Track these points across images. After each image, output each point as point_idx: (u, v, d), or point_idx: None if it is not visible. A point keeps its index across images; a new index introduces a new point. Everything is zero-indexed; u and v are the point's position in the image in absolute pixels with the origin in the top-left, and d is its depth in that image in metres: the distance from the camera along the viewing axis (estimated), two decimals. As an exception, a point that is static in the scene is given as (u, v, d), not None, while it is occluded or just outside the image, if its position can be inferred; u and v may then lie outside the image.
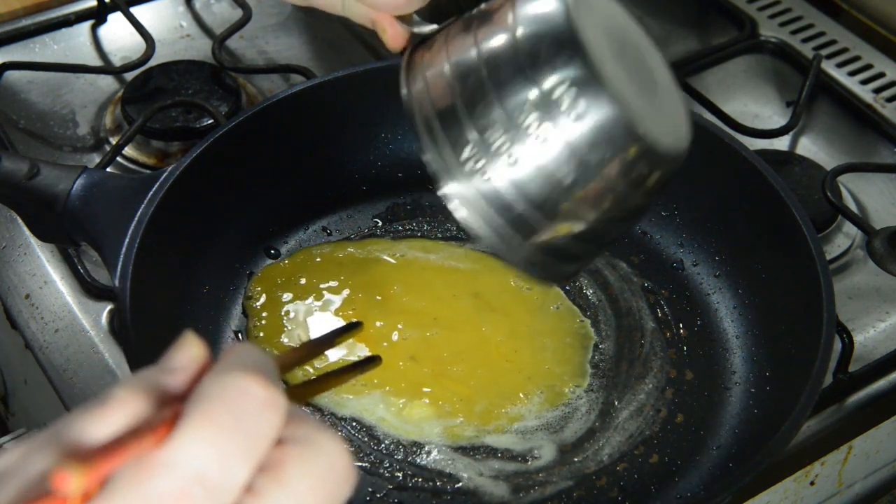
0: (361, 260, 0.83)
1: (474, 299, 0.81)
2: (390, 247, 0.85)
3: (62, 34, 1.07)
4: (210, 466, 0.38)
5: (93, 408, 0.39)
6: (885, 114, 1.02)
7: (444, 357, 0.78)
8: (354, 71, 0.85)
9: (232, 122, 0.80)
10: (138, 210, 0.72)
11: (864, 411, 0.81)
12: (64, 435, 0.38)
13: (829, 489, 0.83)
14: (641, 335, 0.80)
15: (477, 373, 0.77)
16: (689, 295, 0.83)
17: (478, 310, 0.81)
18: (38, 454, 0.38)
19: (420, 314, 0.80)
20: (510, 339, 0.79)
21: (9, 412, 0.98)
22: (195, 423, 0.38)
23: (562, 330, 0.80)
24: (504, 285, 0.82)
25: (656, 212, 0.86)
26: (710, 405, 0.76)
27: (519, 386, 0.77)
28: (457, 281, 0.82)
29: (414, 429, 0.74)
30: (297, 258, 0.83)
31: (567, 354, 0.79)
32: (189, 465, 0.37)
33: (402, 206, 0.88)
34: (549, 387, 0.77)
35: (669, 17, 1.13)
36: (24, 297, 0.84)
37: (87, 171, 0.75)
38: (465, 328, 0.80)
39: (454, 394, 0.76)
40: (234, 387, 0.39)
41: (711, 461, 0.73)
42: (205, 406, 0.39)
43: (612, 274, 0.84)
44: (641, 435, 0.75)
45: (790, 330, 0.76)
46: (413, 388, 0.76)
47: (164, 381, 0.41)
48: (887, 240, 0.85)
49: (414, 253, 0.84)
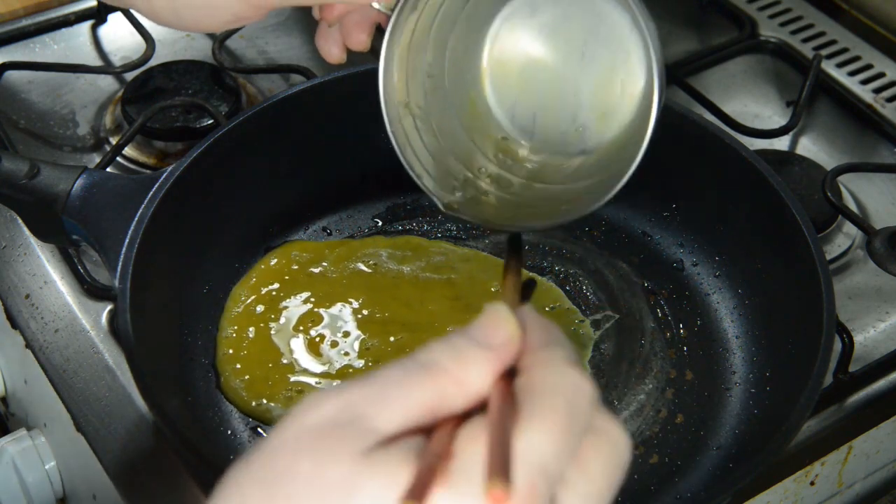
0: (336, 269, 0.83)
1: (453, 301, 0.81)
2: (376, 251, 0.84)
3: (62, 34, 1.07)
4: (551, 460, 0.41)
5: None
6: (885, 114, 1.02)
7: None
8: (354, 71, 0.85)
9: (231, 122, 0.80)
10: (138, 210, 0.72)
11: (864, 411, 0.81)
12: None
13: (829, 489, 0.83)
14: (641, 335, 0.80)
15: None
16: (688, 295, 0.83)
17: (456, 311, 0.81)
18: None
19: (386, 322, 0.80)
20: None
21: (9, 412, 0.98)
22: (544, 418, 0.41)
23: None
24: (490, 288, 0.82)
25: (656, 212, 0.86)
26: (711, 405, 0.76)
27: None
28: (433, 286, 0.82)
29: None
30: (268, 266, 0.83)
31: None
32: (537, 459, 0.40)
33: (402, 205, 0.88)
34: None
35: (669, 17, 1.13)
36: (24, 297, 0.84)
37: (87, 171, 0.75)
38: (437, 329, 0.79)
39: None
40: (571, 383, 0.43)
41: (712, 461, 0.73)
42: (550, 402, 0.42)
43: (611, 274, 0.84)
44: (641, 435, 0.75)
45: (790, 330, 0.76)
46: None
47: (483, 356, 0.44)
48: (887, 240, 0.85)
49: (389, 265, 0.84)
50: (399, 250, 0.85)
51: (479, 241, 0.86)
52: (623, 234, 0.87)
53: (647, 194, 0.86)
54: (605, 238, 0.86)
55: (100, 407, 0.77)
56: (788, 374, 0.74)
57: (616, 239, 0.86)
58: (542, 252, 0.85)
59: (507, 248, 0.60)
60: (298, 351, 0.78)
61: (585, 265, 0.85)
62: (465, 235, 0.86)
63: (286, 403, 0.75)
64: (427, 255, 0.84)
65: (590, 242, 0.86)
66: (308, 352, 0.78)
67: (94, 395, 0.77)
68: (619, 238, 0.86)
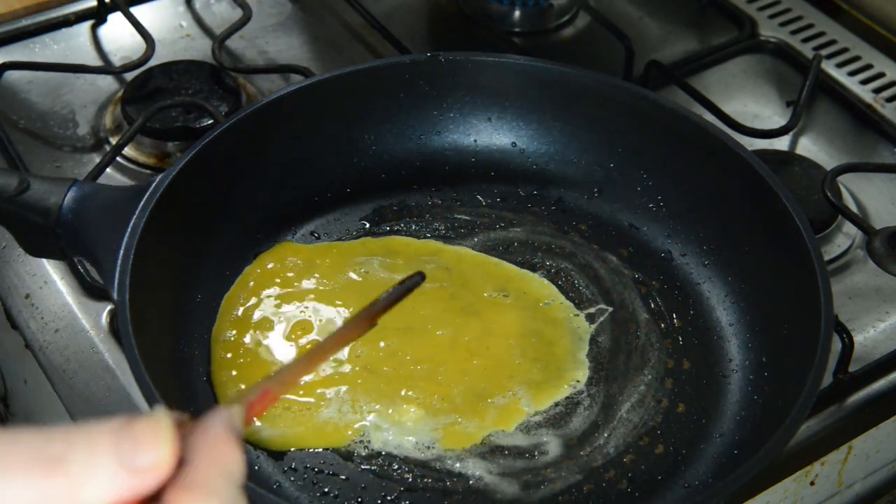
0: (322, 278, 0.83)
1: (448, 303, 0.81)
2: (367, 259, 0.84)
3: (62, 34, 1.07)
4: None
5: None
6: (885, 114, 1.02)
7: (407, 361, 0.77)
8: (337, 73, 0.85)
9: (215, 130, 0.79)
10: (130, 221, 0.72)
11: (864, 411, 0.81)
12: None
13: (829, 489, 0.83)
14: (636, 327, 0.81)
15: (444, 371, 0.77)
16: (679, 285, 0.83)
17: (451, 313, 0.80)
18: None
19: (376, 328, 0.79)
20: (485, 337, 0.79)
21: (9, 412, 0.98)
22: None
23: (554, 325, 0.80)
24: (485, 287, 0.82)
25: (647, 207, 0.86)
26: (710, 393, 0.77)
27: (499, 383, 0.76)
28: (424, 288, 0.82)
29: (412, 431, 0.74)
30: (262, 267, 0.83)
31: (563, 349, 0.79)
32: None
33: (389, 207, 0.88)
34: (545, 381, 0.77)
35: (669, 17, 1.14)
36: (24, 297, 0.84)
37: (77, 183, 0.74)
38: (430, 332, 0.79)
39: (433, 393, 0.75)
40: None
41: (716, 449, 0.74)
42: None
43: (602, 267, 0.84)
44: (645, 426, 0.75)
45: (784, 315, 0.76)
46: (387, 395, 0.75)
47: (114, 474, 0.39)
48: (887, 240, 0.85)
49: (380, 272, 0.83)
50: (389, 254, 0.84)
51: (467, 240, 0.86)
52: (611, 228, 0.87)
53: (636, 189, 0.87)
54: (593, 232, 0.87)
55: (100, 407, 0.77)
56: (785, 359, 0.74)
57: (604, 232, 0.87)
58: (532, 248, 0.85)
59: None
60: (287, 360, 0.77)
61: (576, 259, 0.85)
62: (453, 234, 0.86)
63: (273, 423, 0.74)
64: (417, 258, 0.84)
65: (578, 237, 0.86)
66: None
67: (94, 395, 0.77)
68: (606, 231, 0.87)
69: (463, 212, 0.88)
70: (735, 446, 0.73)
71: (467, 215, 0.88)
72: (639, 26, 1.12)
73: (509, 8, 1.11)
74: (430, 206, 0.88)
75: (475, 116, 0.90)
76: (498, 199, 0.89)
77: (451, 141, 0.90)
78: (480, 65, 0.88)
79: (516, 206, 0.89)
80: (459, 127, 0.90)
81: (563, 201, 0.89)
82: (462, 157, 0.90)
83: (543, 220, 0.88)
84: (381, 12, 1.08)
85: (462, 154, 0.90)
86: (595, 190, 0.88)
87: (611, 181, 0.88)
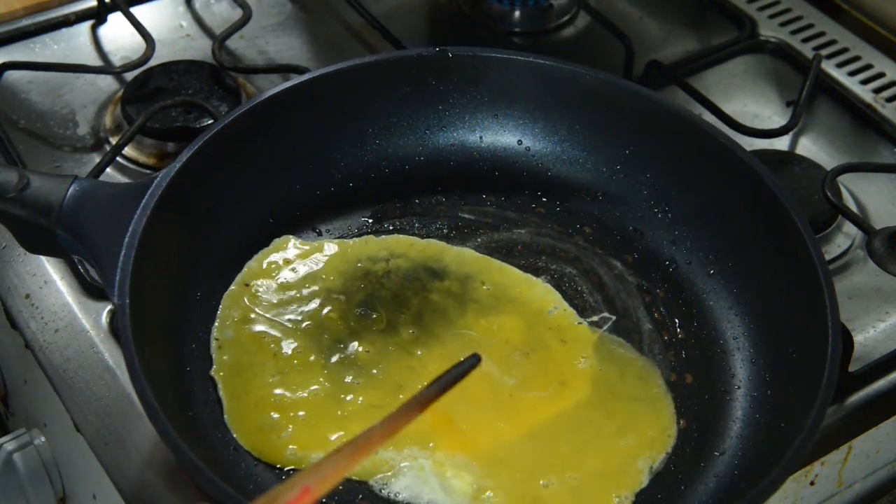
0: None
1: (457, 306, 0.80)
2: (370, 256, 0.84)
3: (62, 34, 1.07)
4: None
5: None
6: (885, 114, 1.02)
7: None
8: (339, 68, 0.85)
9: (217, 126, 0.79)
10: (131, 219, 0.71)
11: (864, 411, 0.81)
12: None
13: (829, 489, 0.83)
14: (640, 337, 0.80)
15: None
16: (684, 295, 0.83)
17: (460, 316, 0.80)
18: None
19: (383, 330, 0.78)
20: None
21: (9, 412, 0.98)
22: None
23: (557, 331, 0.80)
24: (491, 292, 0.82)
25: (653, 212, 0.86)
26: (713, 410, 0.76)
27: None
28: (431, 287, 0.82)
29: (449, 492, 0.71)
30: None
31: (561, 357, 0.78)
32: None
33: (392, 203, 0.88)
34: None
35: (669, 17, 1.14)
36: (24, 296, 0.84)
37: (77, 180, 0.74)
38: (439, 336, 0.78)
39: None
40: None
41: (716, 467, 0.73)
42: None
43: (606, 273, 0.84)
44: (645, 441, 0.75)
45: (789, 331, 0.76)
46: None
47: None
48: (887, 240, 0.85)
49: (381, 273, 0.83)
50: (391, 251, 0.84)
51: (470, 241, 0.86)
52: (615, 231, 0.86)
53: (642, 192, 0.86)
54: (598, 235, 0.86)
55: (100, 407, 0.77)
56: (789, 377, 0.74)
57: (608, 236, 0.86)
58: (536, 251, 0.85)
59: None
60: (286, 369, 0.76)
61: (580, 264, 0.84)
62: (456, 234, 0.86)
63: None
64: (423, 257, 0.83)
65: (582, 240, 0.86)
66: (300, 367, 0.76)
67: (94, 395, 0.77)
68: (611, 235, 0.86)
69: (467, 211, 0.88)
70: (736, 466, 0.72)
71: (471, 214, 0.88)
72: (639, 26, 1.12)
73: (509, 8, 1.11)
74: (434, 205, 0.88)
75: (481, 113, 0.90)
76: (502, 199, 0.89)
77: (457, 137, 0.90)
78: (488, 61, 0.88)
79: (521, 207, 0.88)
80: (465, 123, 0.90)
81: (569, 203, 0.88)
82: (467, 155, 0.90)
83: (548, 221, 0.87)
84: (381, 12, 1.08)
85: (467, 151, 0.90)
86: (600, 192, 0.88)
87: (617, 183, 0.87)
